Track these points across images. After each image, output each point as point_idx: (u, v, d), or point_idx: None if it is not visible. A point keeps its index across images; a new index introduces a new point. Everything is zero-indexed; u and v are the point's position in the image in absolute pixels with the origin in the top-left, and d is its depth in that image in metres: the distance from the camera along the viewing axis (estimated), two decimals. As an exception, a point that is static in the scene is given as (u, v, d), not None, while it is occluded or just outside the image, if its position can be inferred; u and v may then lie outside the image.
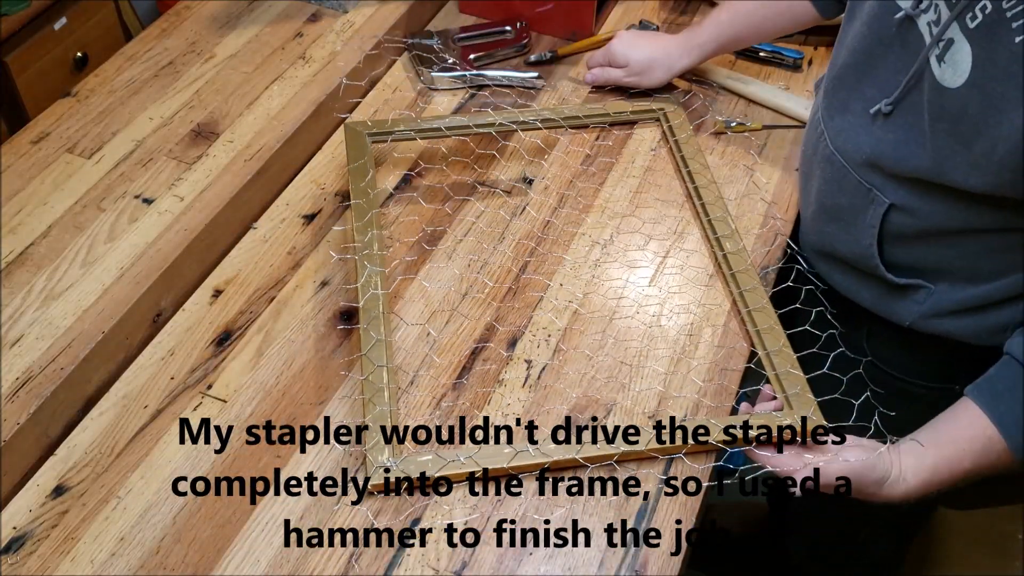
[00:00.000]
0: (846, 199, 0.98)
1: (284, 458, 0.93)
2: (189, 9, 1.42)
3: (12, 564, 0.86)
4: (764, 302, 1.03)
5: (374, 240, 1.06)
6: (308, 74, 1.31)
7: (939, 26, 0.84)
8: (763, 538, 1.72)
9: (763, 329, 1.01)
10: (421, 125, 1.20)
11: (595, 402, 0.97)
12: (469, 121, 1.20)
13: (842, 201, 0.99)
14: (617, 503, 0.89)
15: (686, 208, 1.17)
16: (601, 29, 1.43)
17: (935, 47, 0.84)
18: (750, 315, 1.02)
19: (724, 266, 1.08)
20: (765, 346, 0.99)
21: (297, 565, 0.86)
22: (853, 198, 0.97)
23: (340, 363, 1.01)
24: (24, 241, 1.09)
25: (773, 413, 0.93)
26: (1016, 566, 1.75)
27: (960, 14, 0.81)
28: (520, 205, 1.18)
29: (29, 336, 0.99)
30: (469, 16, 1.46)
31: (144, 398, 0.98)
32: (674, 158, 1.22)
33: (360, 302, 1.01)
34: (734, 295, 1.06)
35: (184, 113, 1.25)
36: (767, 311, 1.02)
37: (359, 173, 1.13)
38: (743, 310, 1.04)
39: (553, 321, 1.05)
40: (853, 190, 0.97)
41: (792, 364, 0.97)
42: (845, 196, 0.98)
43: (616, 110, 1.26)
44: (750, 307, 1.03)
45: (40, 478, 0.92)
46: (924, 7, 0.86)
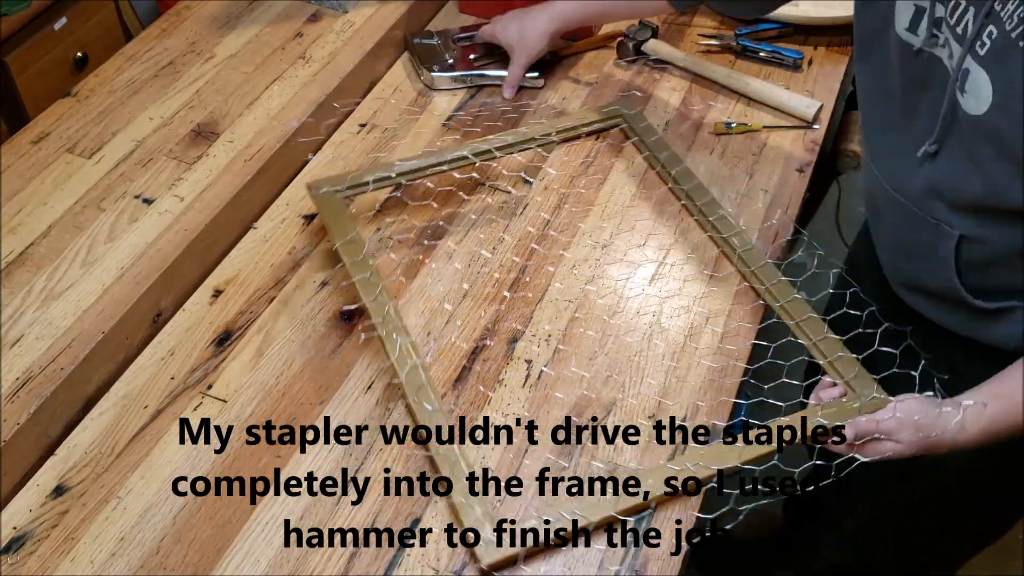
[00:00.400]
0: (916, 236, 0.98)
1: (284, 458, 0.93)
2: (189, 9, 1.42)
3: (12, 564, 0.86)
4: (794, 293, 1.04)
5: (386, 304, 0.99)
6: (308, 74, 1.31)
7: (953, 60, 0.85)
8: (773, 546, 1.71)
9: (802, 321, 1.01)
10: (385, 173, 1.13)
11: (595, 402, 0.97)
12: (435, 159, 1.15)
13: (913, 238, 0.99)
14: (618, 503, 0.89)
15: (684, 210, 1.17)
16: (601, 29, 1.43)
17: (956, 80, 0.85)
18: (784, 309, 1.03)
19: (740, 263, 1.08)
20: (810, 336, 1.00)
21: (297, 565, 0.85)
22: (922, 234, 0.97)
23: (340, 363, 1.01)
24: (24, 241, 1.09)
25: (841, 399, 0.94)
26: (1016, 566, 1.75)
27: (971, 46, 0.82)
28: (520, 205, 1.18)
29: (29, 336, 0.99)
30: (469, 16, 1.46)
31: (144, 398, 0.98)
32: (652, 166, 1.22)
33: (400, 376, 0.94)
34: (759, 290, 1.06)
35: (184, 113, 1.25)
36: (799, 303, 1.03)
37: (352, 248, 1.04)
38: (775, 304, 1.04)
39: (553, 321, 1.05)
40: (921, 226, 0.96)
41: (841, 349, 0.98)
42: (915, 233, 0.98)
43: (581, 121, 1.25)
44: (781, 301, 1.03)
45: (40, 478, 0.92)
46: (941, 42, 0.87)
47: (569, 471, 0.92)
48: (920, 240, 0.98)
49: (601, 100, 1.32)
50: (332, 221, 1.08)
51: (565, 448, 0.93)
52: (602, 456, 0.93)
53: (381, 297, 0.99)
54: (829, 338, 0.99)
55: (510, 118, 1.29)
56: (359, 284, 1.00)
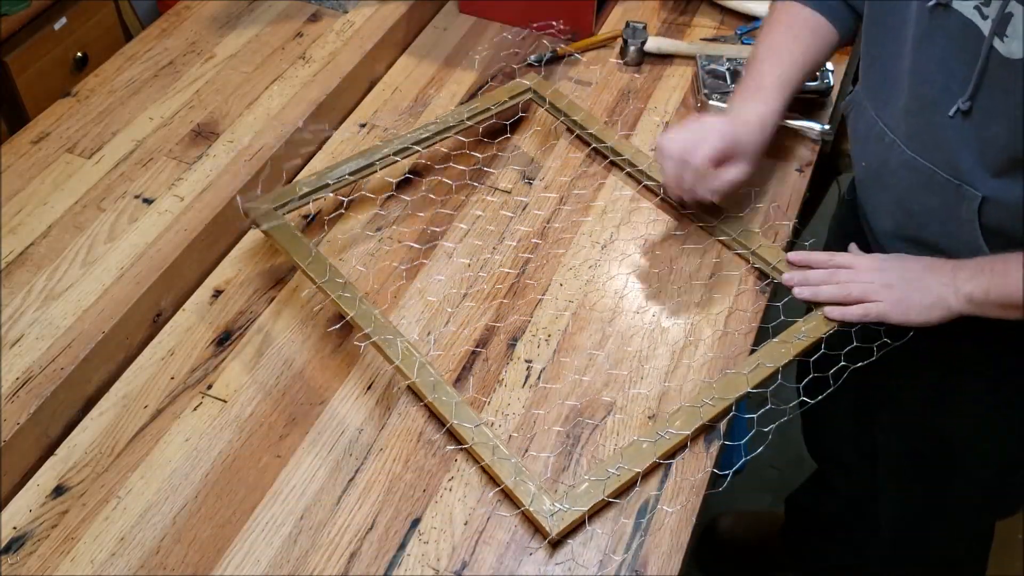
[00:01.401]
0: (936, 200, 0.96)
1: (284, 458, 0.93)
2: (189, 9, 1.42)
3: (12, 564, 0.86)
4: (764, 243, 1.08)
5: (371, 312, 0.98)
6: (308, 74, 1.31)
7: (989, 6, 0.83)
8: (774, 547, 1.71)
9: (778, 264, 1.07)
10: (319, 183, 1.11)
11: (595, 402, 0.97)
12: (365, 161, 1.13)
13: (932, 203, 0.97)
14: (616, 503, 0.89)
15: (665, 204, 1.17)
16: (601, 29, 1.43)
17: (996, 24, 0.83)
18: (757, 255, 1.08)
19: (759, 261, 1.09)
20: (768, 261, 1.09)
21: (297, 565, 0.86)
22: (943, 197, 0.95)
23: (340, 363, 1.01)
24: (24, 241, 1.09)
25: None
26: (1016, 566, 1.75)
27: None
28: (520, 205, 1.18)
29: (29, 336, 0.99)
30: (469, 16, 1.46)
31: (144, 398, 0.98)
32: (572, 130, 1.23)
33: (412, 377, 0.94)
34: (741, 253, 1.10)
35: (184, 113, 1.25)
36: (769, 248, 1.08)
37: (317, 267, 1.01)
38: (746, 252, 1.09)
39: (553, 321, 1.05)
40: (941, 189, 0.94)
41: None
42: (935, 197, 0.96)
43: (493, 102, 1.23)
44: (752, 248, 1.08)
45: (40, 478, 0.92)
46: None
47: (569, 471, 0.92)
48: (941, 203, 0.96)
49: (601, 100, 1.32)
50: (287, 244, 1.04)
51: (565, 448, 0.94)
52: (602, 456, 0.93)
53: (363, 306, 0.98)
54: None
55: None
56: (338, 300, 0.98)
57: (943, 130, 0.92)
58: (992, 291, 0.91)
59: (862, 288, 0.99)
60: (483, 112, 1.22)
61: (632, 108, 1.31)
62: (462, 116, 1.20)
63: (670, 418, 0.93)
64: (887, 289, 0.97)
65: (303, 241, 1.05)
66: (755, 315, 1.06)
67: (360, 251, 1.12)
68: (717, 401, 0.94)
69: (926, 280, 0.96)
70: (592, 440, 0.94)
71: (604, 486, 0.88)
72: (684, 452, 0.92)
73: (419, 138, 1.17)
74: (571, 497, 0.87)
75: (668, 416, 0.94)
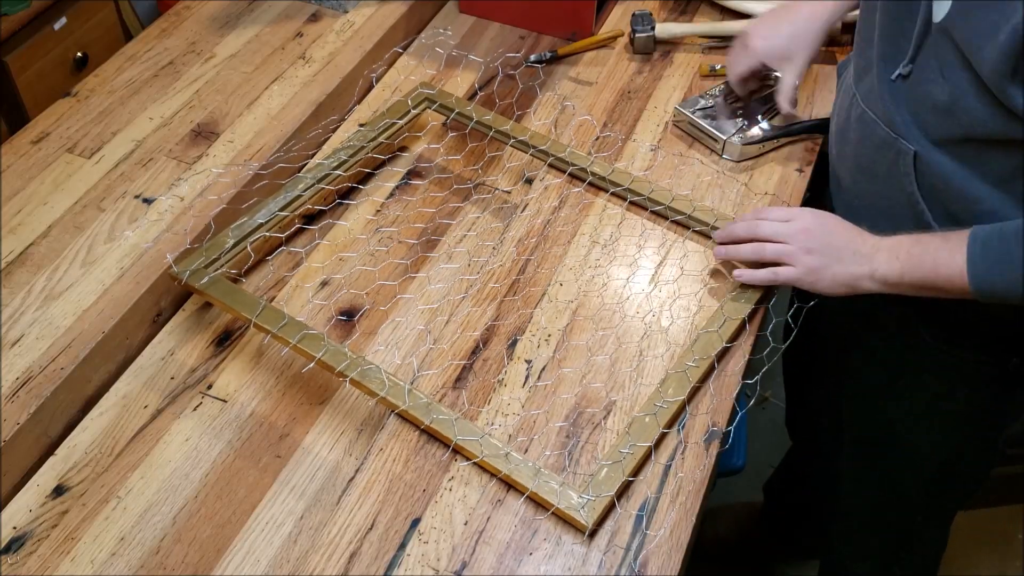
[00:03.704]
0: (878, 154, 0.98)
1: (284, 458, 0.93)
2: (189, 9, 1.42)
3: (12, 564, 0.86)
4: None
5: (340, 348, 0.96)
6: (308, 74, 1.31)
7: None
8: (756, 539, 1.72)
9: None
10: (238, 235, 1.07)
11: (595, 402, 0.97)
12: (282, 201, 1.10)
13: (875, 157, 0.99)
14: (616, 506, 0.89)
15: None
16: (601, 29, 1.43)
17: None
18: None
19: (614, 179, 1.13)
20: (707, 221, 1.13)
21: (297, 565, 0.86)
22: (882, 151, 0.97)
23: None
24: (24, 241, 1.09)
25: None
26: (1016, 566, 1.75)
27: None
28: (520, 205, 1.18)
29: (29, 336, 0.99)
30: (469, 16, 1.46)
31: (144, 398, 0.98)
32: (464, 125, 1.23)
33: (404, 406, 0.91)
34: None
35: (184, 113, 1.25)
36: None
37: (270, 316, 0.97)
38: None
39: (553, 321, 1.05)
40: (881, 143, 0.97)
41: None
42: (877, 151, 0.98)
43: (397, 114, 1.21)
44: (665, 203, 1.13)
45: (40, 478, 0.92)
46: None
47: (569, 471, 0.92)
48: (881, 157, 0.98)
49: (601, 100, 1.32)
50: (231, 301, 0.99)
51: (565, 448, 0.93)
52: (602, 455, 0.93)
53: (329, 344, 0.95)
54: None
55: (507, 104, 1.29)
56: (302, 345, 0.95)
57: (884, 90, 0.96)
58: (906, 275, 0.93)
59: (776, 250, 1.00)
60: (383, 134, 1.19)
61: (632, 108, 1.30)
62: (361, 143, 1.17)
63: (661, 388, 0.95)
64: (807, 254, 0.98)
65: (242, 293, 1.00)
66: (754, 315, 1.05)
67: (360, 251, 1.12)
68: (699, 361, 0.97)
69: (845, 257, 0.97)
70: (592, 439, 0.94)
71: (623, 467, 0.89)
72: (686, 418, 0.95)
73: (339, 161, 1.15)
74: (595, 485, 0.87)
75: (659, 387, 0.96)
